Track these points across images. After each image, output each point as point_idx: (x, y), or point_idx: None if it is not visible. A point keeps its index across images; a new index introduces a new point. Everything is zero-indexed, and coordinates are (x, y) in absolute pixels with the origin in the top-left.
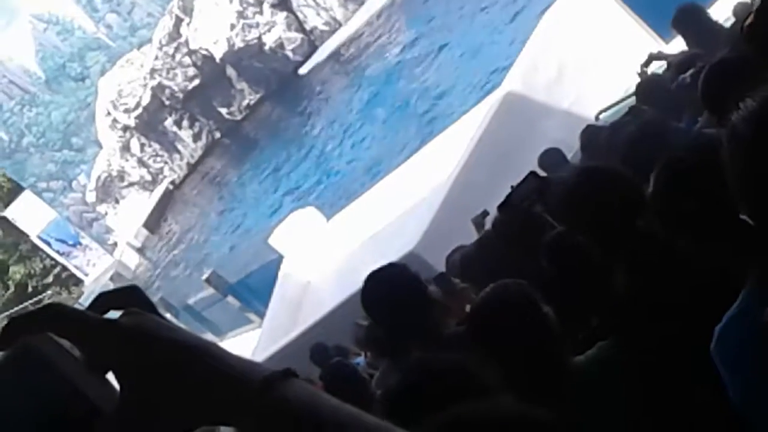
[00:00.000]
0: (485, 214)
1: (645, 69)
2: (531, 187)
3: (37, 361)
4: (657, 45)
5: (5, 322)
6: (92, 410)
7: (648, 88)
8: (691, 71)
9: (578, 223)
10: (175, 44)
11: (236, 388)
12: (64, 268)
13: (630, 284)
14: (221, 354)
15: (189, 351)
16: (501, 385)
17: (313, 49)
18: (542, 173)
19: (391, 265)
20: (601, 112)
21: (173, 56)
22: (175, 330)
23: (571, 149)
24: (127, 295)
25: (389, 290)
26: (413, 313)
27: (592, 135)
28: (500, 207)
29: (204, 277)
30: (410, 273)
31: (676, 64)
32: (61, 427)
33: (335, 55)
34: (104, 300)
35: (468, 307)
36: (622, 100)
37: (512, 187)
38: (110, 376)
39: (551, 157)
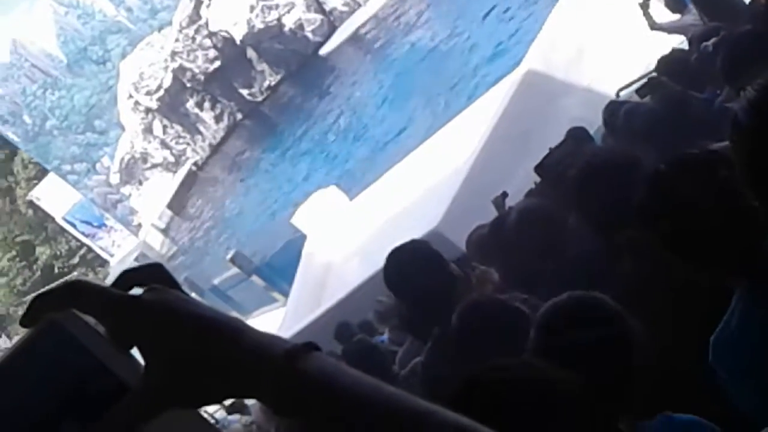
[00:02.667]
0: (505, 195)
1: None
2: (568, 149)
3: (62, 338)
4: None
5: (31, 299)
6: (118, 385)
7: (669, 62)
8: (713, 40)
9: (588, 209)
10: (195, 26)
11: (259, 361)
12: (90, 250)
13: (636, 268)
14: (244, 328)
15: (212, 326)
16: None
17: (332, 29)
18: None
19: (413, 242)
20: (621, 89)
21: (193, 38)
22: (198, 305)
23: (593, 126)
24: (150, 272)
25: (411, 266)
26: (435, 288)
27: (613, 111)
28: (537, 168)
29: (228, 257)
30: (432, 249)
31: (698, 37)
32: (86, 402)
33: (355, 36)
34: (128, 277)
35: (489, 287)
36: (643, 76)
37: (550, 148)
38: (135, 352)
39: (576, 134)
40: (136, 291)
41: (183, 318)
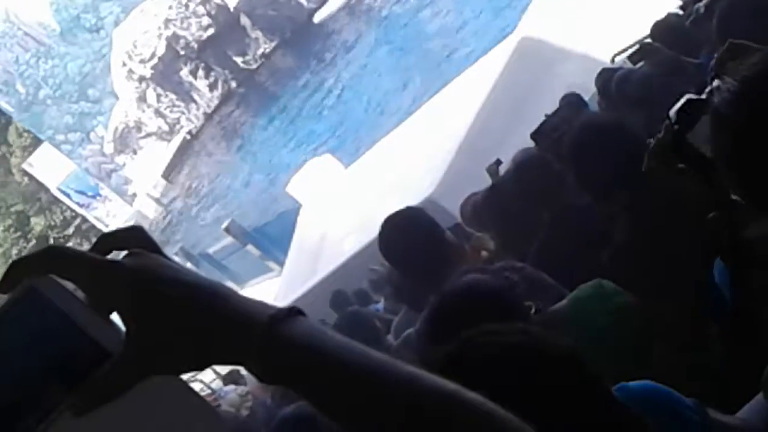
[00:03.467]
0: (498, 162)
1: None
2: (564, 115)
3: (41, 303)
4: None
5: (9, 265)
6: (98, 351)
7: (664, 27)
8: (705, 1)
9: (580, 176)
10: None
11: (242, 326)
12: (85, 220)
13: (631, 232)
14: (227, 293)
15: (194, 291)
16: None
17: None
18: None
19: (407, 209)
20: (616, 54)
21: (187, 6)
22: (179, 270)
23: (588, 92)
24: (130, 236)
25: (406, 234)
26: (430, 257)
27: (607, 78)
28: (533, 134)
29: (223, 226)
30: (427, 217)
31: (692, 1)
32: (67, 369)
33: (350, 2)
34: (107, 240)
35: (484, 254)
36: (638, 41)
37: (546, 115)
38: (115, 317)
39: (570, 101)
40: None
41: (164, 283)
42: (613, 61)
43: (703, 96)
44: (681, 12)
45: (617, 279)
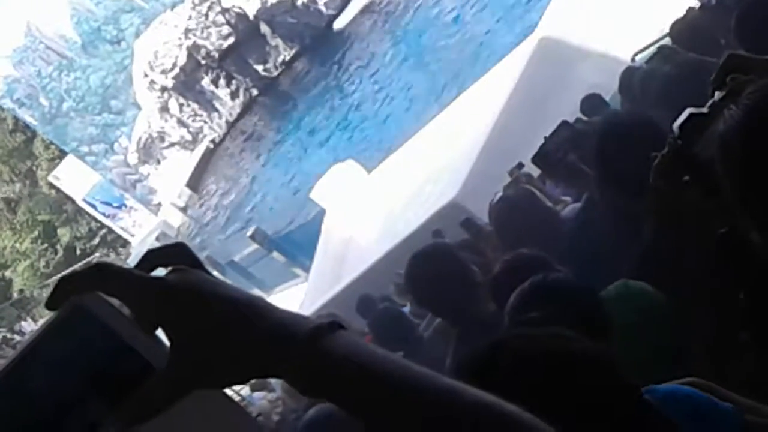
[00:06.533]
0: (521, 165)
1: None
2: (563, 136)
3: (88, 320)
4: None
5: (56, 282)
6: (144, 367)
7: (682, 25)
8: None
9: (608, 174)
10: (208, 3)
11: (283, 341)
12: (110, 230)
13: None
14: (268, 308)
15: (236, 306)
16: None
17: (346, 2)
18: (584, 118)
19: (434, 246)
20: (637, 53)
21: (207, 15)
22: (222, 285)
23: (609, 92)
24: (174, 252)
25: (434, 275)
26: (457, 297)
27: (629, 77)
28: (534, 158)
29: (248, 233)
30: (454, 254)
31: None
32: (113, 384)
33: (369, 7)
34: (152, 257)
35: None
36: (658, 40)
37: (545, 138)
38: (160, 333)
39: (592, 102)
40: (160, 271)
41: (207, 298)
42: (633, 60)
43: (705, 110)
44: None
45: (646, 279)
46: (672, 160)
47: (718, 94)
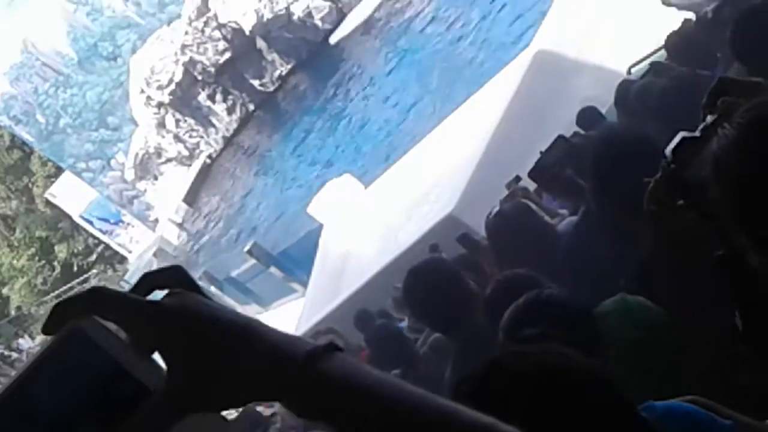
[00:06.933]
0: (518, 179)
1: None
2: (559, 151)
3: (85, 344)
4: None
5: (52, 306)
6: (140, 390)
7: (678, 37)
8: (713, 6)
9: (604, 188)
10: (204, 19)
11: (280, 364)
12: (108, 246)
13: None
14: (264, 331)
15: (232, 329)
16: None
17: (342, 16)
18: (580, 131)
19: (432, 261)
20: (632, 65)
21: (203, 31)
22: (219, 309)
23: (605, 105)
24: (170, 276)
25: (431, 291)
26: (455, 312)
27: (625, 91)
28: (531, 173)
29: (246, 248)
30: (451, 270)
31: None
32: (110, 407)
33: (365, 23)
34: (148, 281)
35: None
36: (654, 52)
37: (541, 152)
38: (157, 357)
39: (588, 115)
40: (157, 294)
41: (203, 322)
42: (629, 72)
43: (698, 133)
44: (695, 18)
45: (643, 293)
46: (665, 184)
47: (709, 118)
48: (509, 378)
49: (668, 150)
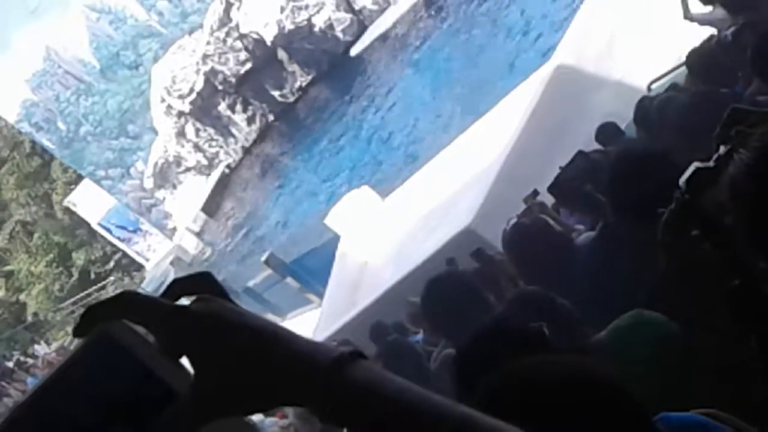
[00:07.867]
0: (536, 193)
1: None
2: (579, 166)
3: (114, 347)
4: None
5: (82, 311)
6: (168, 393)
7: (699, 54)
8: (732, 29)
9: (623, 203)
10: (225, 29)
11: (306, 370)
12: (125, 254)
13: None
14: (290, 337)
15: (259, 335)
16: None
17: (363, 28)
18: (599, 147)
19: (449, 273)
20: (653, 81)
21: (224, 41)
22: (245, 315)
23: (625, 120)
24: (198, 282)
25: (449, 301)
26: (472, 324)
27: (644, 107)
28: (550, 188)
29: (263, 259)
30: (469, 283)
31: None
32: (137, 411)
33: (386, 35)
34: (177, 287)
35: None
36: (674, 69)
37: (560, 167)
38: (185, 361)
39: (607, 131)
40: (185, 300)
41: (231, 327)
42: (649, 88)
43: (711, 164)
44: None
45: (660, 309)
46: (680, 214)
47: (723, 148)
48: (525, 386)
49: (682, 180)
